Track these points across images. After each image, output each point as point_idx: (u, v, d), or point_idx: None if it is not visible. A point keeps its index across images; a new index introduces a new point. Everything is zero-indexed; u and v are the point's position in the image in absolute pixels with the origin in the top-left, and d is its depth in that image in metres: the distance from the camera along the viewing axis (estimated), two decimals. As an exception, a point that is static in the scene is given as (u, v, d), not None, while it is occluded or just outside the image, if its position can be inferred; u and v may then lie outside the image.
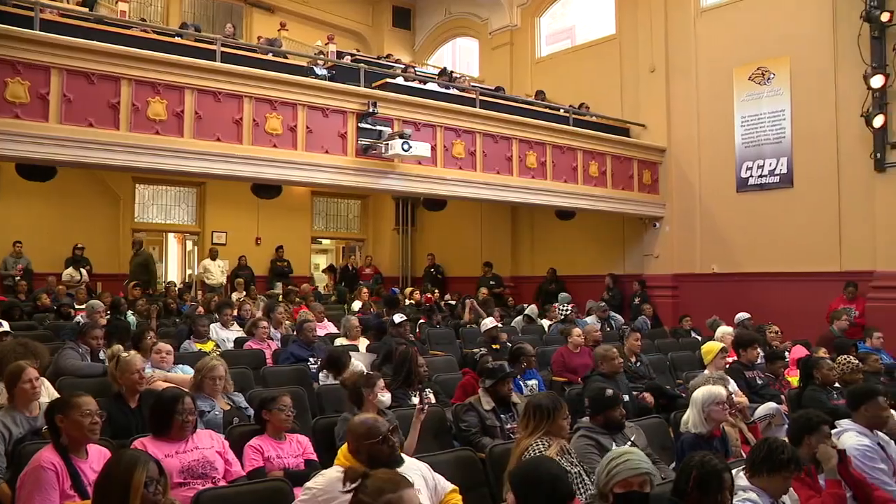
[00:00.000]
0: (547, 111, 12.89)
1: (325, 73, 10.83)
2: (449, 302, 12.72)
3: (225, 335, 8.11)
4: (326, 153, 9.53)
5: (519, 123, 11.58)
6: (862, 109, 10.33)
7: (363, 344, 7.84)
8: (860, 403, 4.39)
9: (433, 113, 10.59)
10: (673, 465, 4.37)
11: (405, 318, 8.06)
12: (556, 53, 15.69)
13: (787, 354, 7.44)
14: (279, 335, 8.11)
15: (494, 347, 7.74)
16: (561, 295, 12.27)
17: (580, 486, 3.68)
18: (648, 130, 13.43)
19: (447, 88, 12.09)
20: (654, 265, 13.33)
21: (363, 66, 10.87)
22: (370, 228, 18.21)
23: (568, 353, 7.65)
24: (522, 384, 6.29)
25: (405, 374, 5.68)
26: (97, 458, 3.36)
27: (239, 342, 7.80)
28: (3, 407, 4.14)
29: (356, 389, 4.67)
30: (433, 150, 10.29)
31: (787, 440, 3.67)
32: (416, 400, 5.23)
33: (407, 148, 9.45)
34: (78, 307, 9.88)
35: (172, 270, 17.20)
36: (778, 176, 11.69)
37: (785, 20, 11.56)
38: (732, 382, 5.85)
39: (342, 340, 8.02)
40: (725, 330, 8.03)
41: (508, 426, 4.88)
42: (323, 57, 11.82)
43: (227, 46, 9.63)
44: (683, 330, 10.73)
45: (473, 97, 11.59)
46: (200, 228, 15.46)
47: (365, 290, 12.56)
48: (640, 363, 7.31)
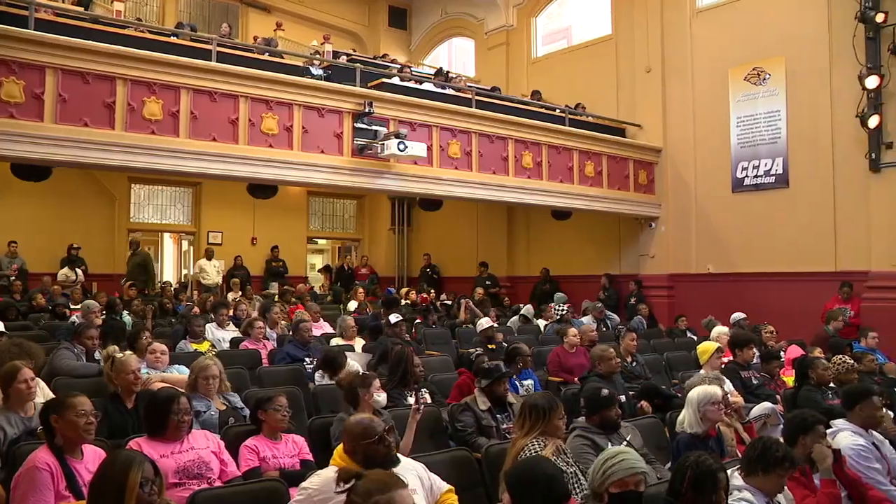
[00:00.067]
0: (543, 111, 12.90)
1: (321, 73, 10.82)
2: (445, 302, 12.73)
3: (221, 335, 8.10)
4: (322, 153, 9.52)
5: (515, 123, 11.58)
6: (857, 110, 10.35)
7: (359, 344, 7.84)
8: (855, 403, 4.42)
9: (429, 113, 10.59)
10: (669, 464, 4.37)
11: (401, 318, 8.06)
12: (552, 53, 15.71)
13: (782, 354, 7.44)
14: (275, 335, 8.11)
15: (490, 347, 7.75)
16: (557, 295, 12.27)
17: (576, 486, 3.69)
18: (644, 130, 13.45)
19: (443, 88, 12.08)
20: (649, 265, 13.36)
21: (359, 66, 10.84)
22: (366, 228, 18.21)
23: (564, 352, 7.65)
24: (518, 384, 6.30)
25: (401, 374, 5.67)
26: (92, 458, 3.35)
27: (235, 342, 7.80)
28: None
29: (352, 389, 4.66)
30: (429, 150, 10.28)
31: (782, 440, 3.69)
32: (412, 400, 5.23)
33: (403, 148, 9.45)
34: (73, 307, 9.84)
35: (168, 270, 17.17)
36: (773, 176, 11.71)
37: (780, 21, 11.60)
38: (728, 382, 5.85)
39: (338, 340, 8.01)
40: (721, 330, 8.05)
41: (504, 426, 4.87)
42: (319, 57, 11.80)
43: (222, 46, 9.63)
44: (679, 330, 10.77)
45: (469, 97, 11.59)
46: (196, 228, 15.45)
47: (361, 290, 12.57)
48: (635, 363, 7.32)
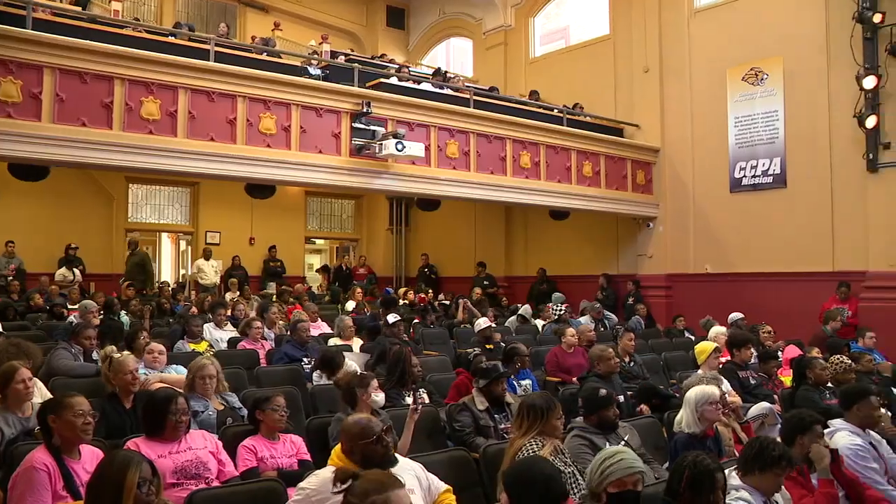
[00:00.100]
0: (541, 111, 12.90)
1: (318, 72, 10.81)
2: (443, 302, 12.73)
3: (218, 335, 8.09)
4: (320, 153, 9.51)
5: (513, 123, 11.58)
6: (854, 110, 10.37)
7: (357, 344, 7.84)
8: (852, 403, 4.42)
9: (427, 113, 10.58)
10: (666, 464, 4.37)
11: (399, 318, 8.06)
12: (550, 53, 15.71)
13: (780, 354, 7.45)
14: (273, 335, 8.11)
15: (488, 347, 7.74)
16: (555, 295, 12.26)
17: (574, 485, 3.69)
18: (642, 130, 13.45)
19: (441, 88, 12.08)
20: (647, 265, 13.36)
21: (357, 65, 10.84)
22: (364, 228, 18.21)
23: (562, 352, 7.65)
24: (516, 384, 6.29)
25: (399, 374, 5.67)
26: (90, 458, 3.35)
27: (232, 342, 7.80)
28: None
29: (350, 389, 4.66)
30: (427, 150, 10.27)
31: (779, 440, 3.69)
32: (409, 400, 5.23)
33: (401, 148, 9.44)
34: (71, 307, 9.83)
35: (166, 270, 17.15)
36: (771, 176, 11.72)
37: (778, 21, 11.60)
38: (726, 382, 5.86)
39: (336, 340, 8.00)
40: (719, 330, 8.05)
41: (502, 426, 4.87)
42: (317, 57, 11.79)
43: (220, 46, 9.62)
44: (677, 330, 10.77)
45: (467, 97, 11.58)
46: (194, 228, 15.44)
47: (359, 290, 12.56)
48: (633, 363, 7.32)
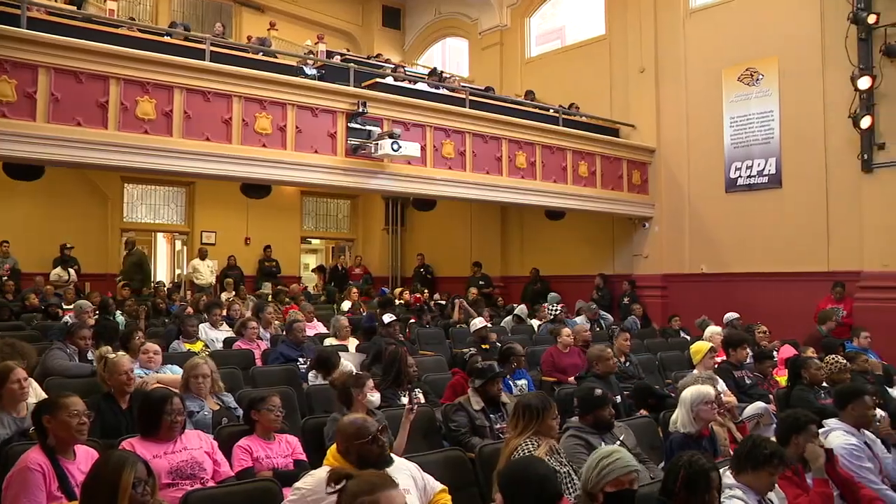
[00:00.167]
0: (536, 111, 12.90)
1: (314, 72, 10.79)
2: (438, 302, 12.72)
3: (214, 335, 8.08)
4: (316, 153, 9.50)
5: (508, 123, 11.58)
6: (849, 111, 10.39)
7: (352, 344, 7.84)
8: (847, 403, 4.43)
9: (423, 113, 10.58)
10: (662, 464, 4.38)
11: (395, 318, 8.06)
12: (545, 54, 15.71)
13: (775, 354, 7.47)
14: (268, 335, 8.09)
15: (484, 347, 7.74)
16: (550, 295, 12.28)
17: (569, 485, 3.69)
18: (638, 131, 13.46)
19: (437, 88, 12.08)
20: (643, 265, 13.38)
21: (353, 65, 10.84)
22: (360, 228, 18.19)
23: (557, 352, 7.67)
24: (512, 384, 6.30)
25: (395, 374, 5.67)
26: (85, 458, 3.35)
27: (228, 342, 7.78)
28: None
29: (345, 389, 4.66)
30: (423, 149, 10.28)
31: (775, 439, 3.70)
32: (405, 400, 5.24)
33: (396, 148, 9.44)
34: (66, 307, 9.82)
35: (161, 270, 17.11)
36: (766, 176, 11.75)
37: (773, 21, 11.62)
38: (721, 382, 5.87)
39: (331, 340, 8.01)
40: (714, 330, 8.06)
41: (498, 426, 4.88)
42: (312, 56, 11.77)
43: (216, 46, 9.59)
44: (672, 330, 10.78)
45: (463, 97, 11.58)
46: (189, 228, 15.40)
47: (354, 290, 12.54)
48: (629, 363, 7.34)
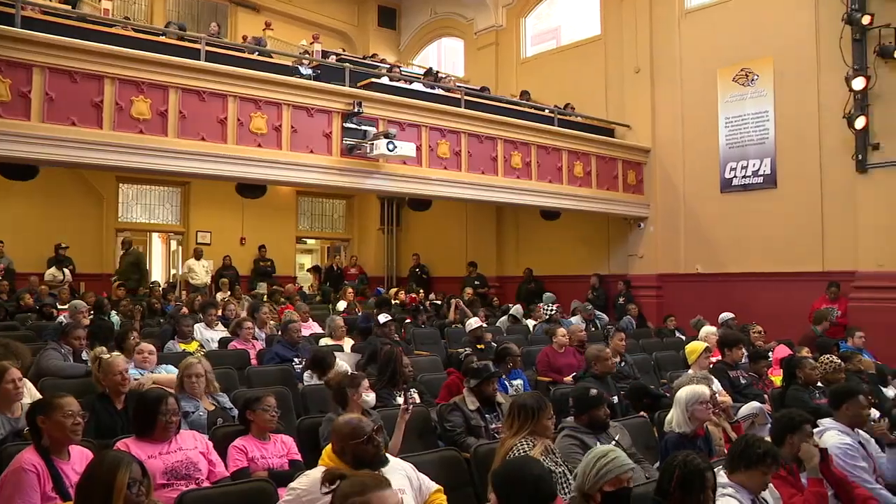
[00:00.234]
0: (532, 111, 12.91)
1: (310, 72, 10.78)
2: (434, 302, 12.72)
3: (209, 335, 8.07)
4: (311, 153, 9.49)
5: (504, 124, 11.58)
6: (844, 111, 10.40)
7: (348, 344, 7.84)
8: (842, 402, 4.45)
9: (418, 113, 10.57)
10: (657, 464, 4.38)
11: (390, 318, 8.05)
12: (541, 54, 15.73)
13: (770, 354, 7.48)
14: (264, 335, 8.09)
15: (479, 347, 7.75)
16: (546, 295, 12.28)
17: (564, 485, 3.69)
18: (633, 131, 13.48)
19: (432, 88, 12.07)
20: (638, 265, 13.39)
21: (348, 65, 10.82)
22: (355, 228, 18.17)
23: (553, 352, 7.66)
24: (507, 384, 6.30)
25: (390, 374, 5.67)
26: (79, 459, 3.33)
27: (223, 342, 7.78)
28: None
29: (341, 389, 4.66)
30: (418, 150, 10.27)
31: (769, 439, 3.70)
32: (400, 400, 5.23)
33: (392, 148, 9.43)
34: (61, 307, 9.79)
35: (157, 270, 17.07)
36: (761, 177, 11.77)
37: (769, 22, 11.65)
38: (716, 382, 5.88)
39: (327, 340, 8.00)
40: (709, 330, 8.08)
41: (493, 426, 4.87)
42: (308, 56, 11.75)
43: (211, 45, 9.59)
44: (668, 330, 10.81)
45: (458, 97, 11.59)
46: (185, 228, 15.38)
47: (350, 290, 12.54)
48: (624, 363, 7.34)
